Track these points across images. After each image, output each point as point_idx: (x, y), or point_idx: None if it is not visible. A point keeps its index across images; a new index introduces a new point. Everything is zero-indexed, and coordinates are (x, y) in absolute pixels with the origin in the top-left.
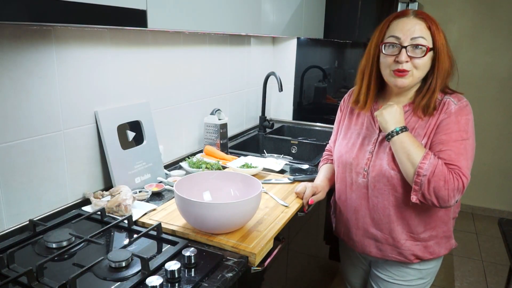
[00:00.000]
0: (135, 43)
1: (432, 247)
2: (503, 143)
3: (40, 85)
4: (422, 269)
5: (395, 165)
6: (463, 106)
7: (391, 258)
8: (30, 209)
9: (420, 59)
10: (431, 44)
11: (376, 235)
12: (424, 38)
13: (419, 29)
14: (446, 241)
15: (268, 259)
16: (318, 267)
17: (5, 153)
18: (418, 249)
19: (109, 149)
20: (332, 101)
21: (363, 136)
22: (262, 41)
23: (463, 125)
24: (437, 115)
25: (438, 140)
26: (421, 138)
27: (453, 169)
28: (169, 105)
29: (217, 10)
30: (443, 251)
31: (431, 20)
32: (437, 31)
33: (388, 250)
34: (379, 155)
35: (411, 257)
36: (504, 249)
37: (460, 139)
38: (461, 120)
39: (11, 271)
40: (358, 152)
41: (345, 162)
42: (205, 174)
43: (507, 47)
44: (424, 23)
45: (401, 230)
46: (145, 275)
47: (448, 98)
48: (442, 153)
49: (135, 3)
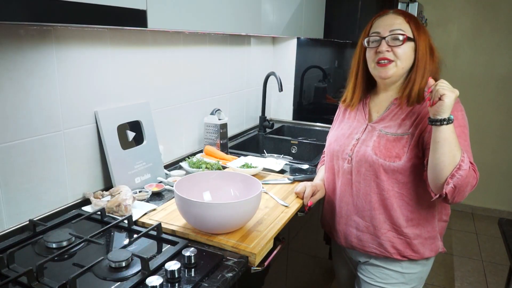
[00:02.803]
0: (135, 43)
1: (416, 246)
2: (503, 143)
3: (40, 85)
4: (405, 273)
5: (379, 151)
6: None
7: (371, 250)
8: (30, 209)
9: (399, 48)
10: (410, 35)
11: (358, 223)
12: (403, 30)
13: (398, 23)
14: (431, 242)
15: (268, 259)
16: (318, 267)
17: (5, 153)
18: (400, 243)
19: (109, 149)
20: (332, 101)
21: (353, 127)
22: (262, 41)
23: (461, 120)
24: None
25: None
26: (408, 128)
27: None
28: (169, 105)
29: (217, 10)
30: (428, 252)
31: (410, 16)
32: (416, 26)
33: (369, 240)
34: (365, 142)
35: (392, 249)
36: (504, 249)
37: (464, 135)
38: (458, 116)
39: (11, 271)
40: (345, 140)
41: (333, 150)
42: (205, 174)
43: (507, 47)
44: (403, 18)
45: (383, 219)
46: (145, 275)
47: None
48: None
49: (135, 3)
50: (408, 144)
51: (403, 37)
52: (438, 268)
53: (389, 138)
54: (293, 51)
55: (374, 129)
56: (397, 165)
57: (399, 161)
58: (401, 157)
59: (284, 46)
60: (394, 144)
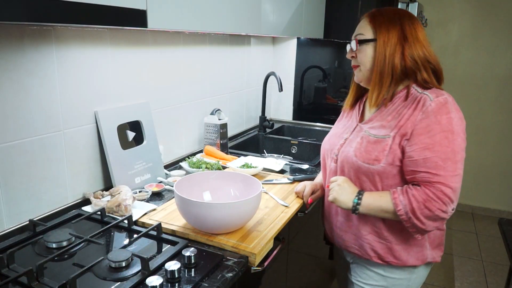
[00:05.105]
0: (135, 43)
1: (398, 252)
2: (503, 143)
3: (40, 85)
4: (386, 276)
5: (359, 153)
6: (441, 104)
7: (353, 251)
8: (30, 209)
9: (358, 52)
10: (370, 36)
11: (342, 223)
12: (362, 33)
13: (360, 26)
14: (418, 251)
15: (268, 259)
16: (318, 267)
17: (5, 153)
18: (381, 247)
19: (109, 149)
20: (332, 101)
21: (346, 126)
22: (262, 41)
23: (446, 125)
24: (411, 109)
25: (422, 144)
26: (391, 130)
27: (434, 184)
28: (169, 105)
29: (217, 10)
30: (413, 260)
31: (375, 16)
32: (379, 24)
33: (351, 240)
34: (350, 143)
35: (371, 252)
36: (504, 249)
37: (446, 141)
38: (442, 120)
39: (11, 271)
40: (335, 139)
41: (324, 149)
42: (205, 174)
43: (507, 47)
44: (367, 19)
45: (364, 222)
46: (145, 275)
47: (425, 94)
48: (428, 161)
49: (135, 3)
50: (388, 147)
51: (358, 40)
52: (438, 268)
53: (370, 140)
54: (293, 51)
55: (361, 130)
56: (376, 168)
57: (378, 164)
58: (381, 160)
59: (284, 46)
60: (374, 146)
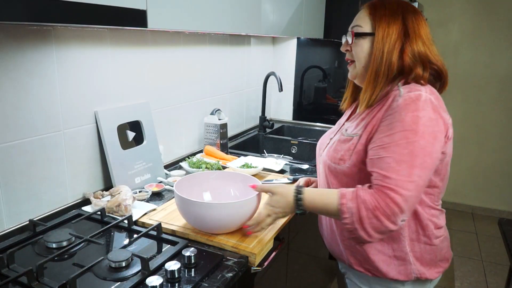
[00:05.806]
0: (135, 43)
1: (376, 263)
2: (503, 143)
3: (40, 85)
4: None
5: (329, 153)
6: (410, 99)
7: (337, 255)
8: (30, 209)
9: (353, 46)
10: (368, 29)
11: (327, 226)
12: (360, 26)
13: (358, 17)
14: (400, 264)
15: (268, 259)
16: (318, 267)
17: (5, 153)
18: (359, 254)
19: (109, 149)
20: (332, 101)
21: (338, 125)
22: (262, 41)
23: (409, 124)
24: (381, 105)
25: (380, 142)
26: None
27: (383, 189)
28: (169, 105)
29: (217, 10)
30: (395, 274)
31: (376, 7)
32: (379, 16)
33: (333, 244)
34: (333, 145)
35: (351, 259)
36: (504, 249)
37: (405, 142)
38: (407, 118)
39: (11, 271)
40: (325, 139)
41: (317, 150)
42: (205, 174)
43: (507, 47)
44: (367, 10)
45: (340, 225)
46: (145, 275)
47: (399, 89)
48: (381, 161)
49: (135, 3)
50: (354, 147)
51: (356, 33)
52: None
53: (341, 139)
54: (293, 51)
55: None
56: (342, 168)
57: (344, 164)
58: (346, 160)
59: (284, 46)
60: (342, 145)
